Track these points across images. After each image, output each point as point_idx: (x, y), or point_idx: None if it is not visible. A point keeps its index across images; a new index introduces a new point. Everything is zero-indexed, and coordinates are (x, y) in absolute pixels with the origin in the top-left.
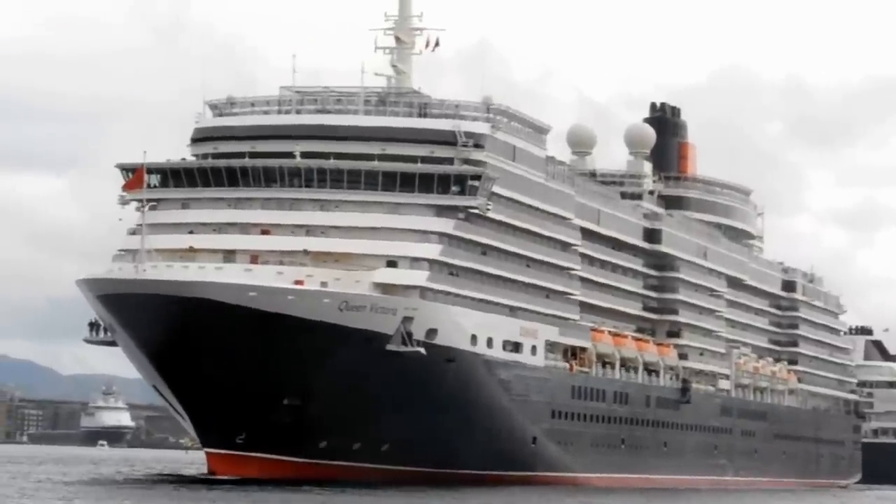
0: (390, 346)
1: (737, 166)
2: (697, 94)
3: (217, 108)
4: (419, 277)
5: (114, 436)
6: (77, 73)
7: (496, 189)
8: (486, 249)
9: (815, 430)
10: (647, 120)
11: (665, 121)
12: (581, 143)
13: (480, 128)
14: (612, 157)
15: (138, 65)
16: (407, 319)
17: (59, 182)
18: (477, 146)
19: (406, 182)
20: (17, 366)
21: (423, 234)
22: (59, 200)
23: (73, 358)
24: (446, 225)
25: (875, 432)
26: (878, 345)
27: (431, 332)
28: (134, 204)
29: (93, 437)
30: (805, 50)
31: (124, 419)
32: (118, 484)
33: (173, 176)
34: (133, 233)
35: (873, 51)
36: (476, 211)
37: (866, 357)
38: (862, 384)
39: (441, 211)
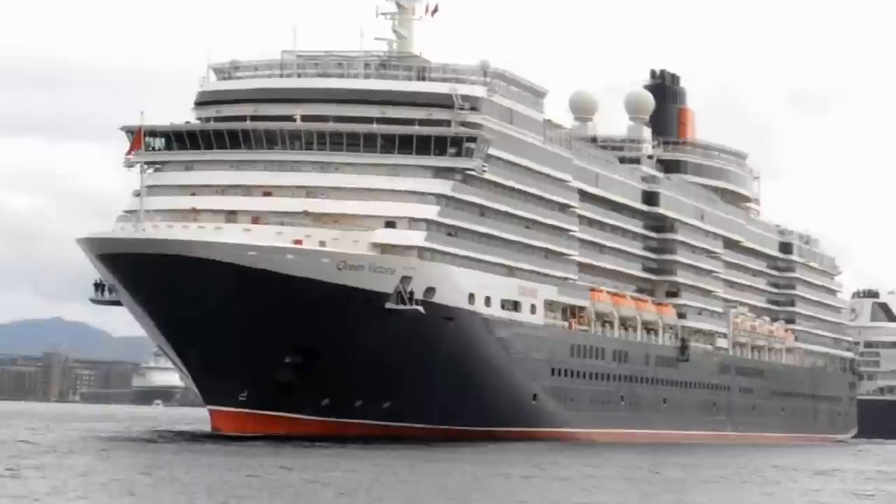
0: (389, 305)
1: (734, 133)
2: (697, 66)
3: (221, 72)
4: (417, 238)
5: (164, 395)
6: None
7: (493, 151)
8: (483, 210)
9: (812, 386)
10: (646, 87)
11: (664, 87)
12: (583, 109)
13: (477, 91)
14: (614, 122)
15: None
16: (405, 279)
17: (103, 149)
18: (473, 109)
19: (404, 144)
20: (70, 328)
21: (421, 196)
22: (104, 167)
23: (125, 321)
24: (444, 186)
25: (881, 390)
26: (884, 307)
27: (430, 291)
28: (140, 166)
29: (143, 396)
30: (801, 33)
31: (174, 379)
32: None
33: (177, 139)
34: (137, 194)
35: (870, 28)
36: (473, 172)
37: (873, 318)
38: (868, 344)
39: (438, 172)
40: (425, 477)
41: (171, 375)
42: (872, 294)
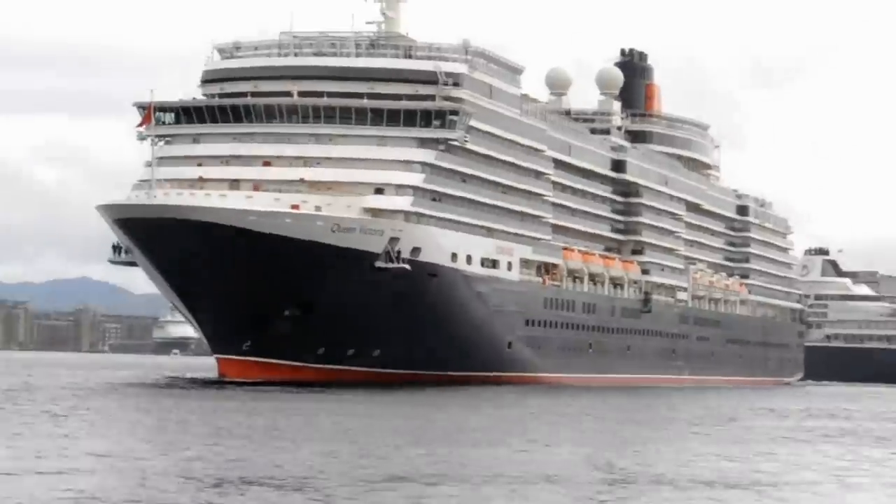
0: (378, 263)
1: (697, 105)
2: (664, 43)
3: (225, 52)
4: (404, 202)
5: (181, 345)
6: (132, 30)
7: (474, 123)
8: (465, 177)
9: (764, 335)
10: (616, 64)
11: (633, 64)
12: (558, 85)
13: (459, 68)
14: (586, 97)
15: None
16: (393, 240)
17: (121, 125)
18: (455, 84)
19: (392, 117)
20: (97, 286)
21: (408, 164)
22: (122, 141)
23: (144, 279)
24: (428, 155)
25: (828, 338)
26: (833, 263)
27: (415, 251)
28: (151, 139)
29: (163, 346)
30: (759, 12)
31: (189, 331)
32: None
33: (185, 113)
34: (149, 165)
35: (824, 6)
36: (455, 143)
37: (823, 274)
38: (819, 297)
39: (423, 143)
40: (415, 420)
41: (186, 327)
42: (823, 252)
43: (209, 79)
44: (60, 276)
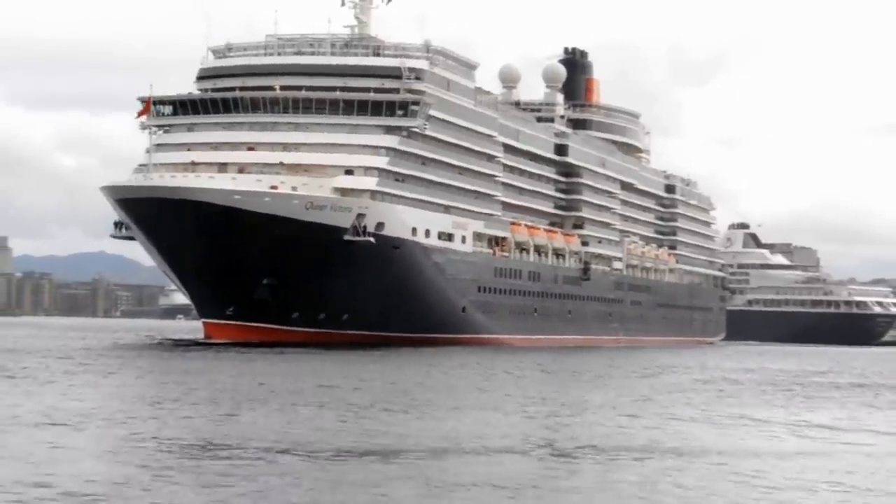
0: (347, 237)
1: (631, 97)
2: (602, 42)
3: (218, 53)
4: (370, 183)
5: (184, 311)
6: (141, 35)
7: (433, 113)
8: (424, 160)
9: (689, 299)
10: (560, 61)
11: (575, 61)
12: (509, 79)
13: (421, 64)
14: (534, 90)
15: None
16: (360, 216)
17: (132, 118)
18: (418, 79)
19: (361, 108)
20: (111, 259)
21: (374, 149)
22: (133, 132)
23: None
24: (392, 141)
25: (749, 302)
26: (754, 236)
27: (380, 226)
28: (150, 129)
29: (168, 312)
30: (683, 16)
31: None
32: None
33: (181, 106)
34: (148, 151)
35: (740, 11)
36: (416, 130)
37: (744, 246)
38: (741, 266)
39: (388, 130)
40: (384, 377)
41: None
42: (744, 226)
43: (203, 76)
44: (80, 251)
